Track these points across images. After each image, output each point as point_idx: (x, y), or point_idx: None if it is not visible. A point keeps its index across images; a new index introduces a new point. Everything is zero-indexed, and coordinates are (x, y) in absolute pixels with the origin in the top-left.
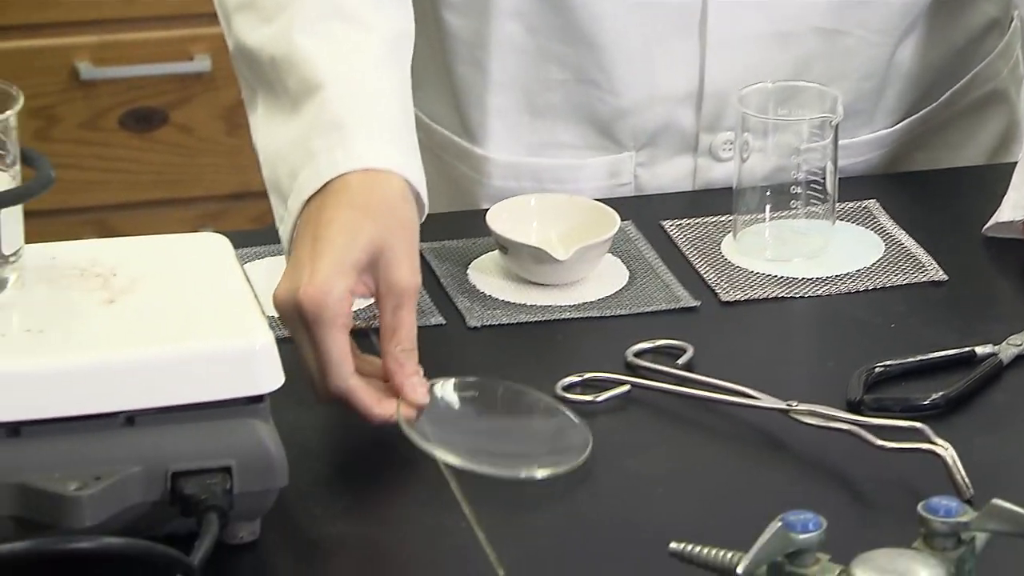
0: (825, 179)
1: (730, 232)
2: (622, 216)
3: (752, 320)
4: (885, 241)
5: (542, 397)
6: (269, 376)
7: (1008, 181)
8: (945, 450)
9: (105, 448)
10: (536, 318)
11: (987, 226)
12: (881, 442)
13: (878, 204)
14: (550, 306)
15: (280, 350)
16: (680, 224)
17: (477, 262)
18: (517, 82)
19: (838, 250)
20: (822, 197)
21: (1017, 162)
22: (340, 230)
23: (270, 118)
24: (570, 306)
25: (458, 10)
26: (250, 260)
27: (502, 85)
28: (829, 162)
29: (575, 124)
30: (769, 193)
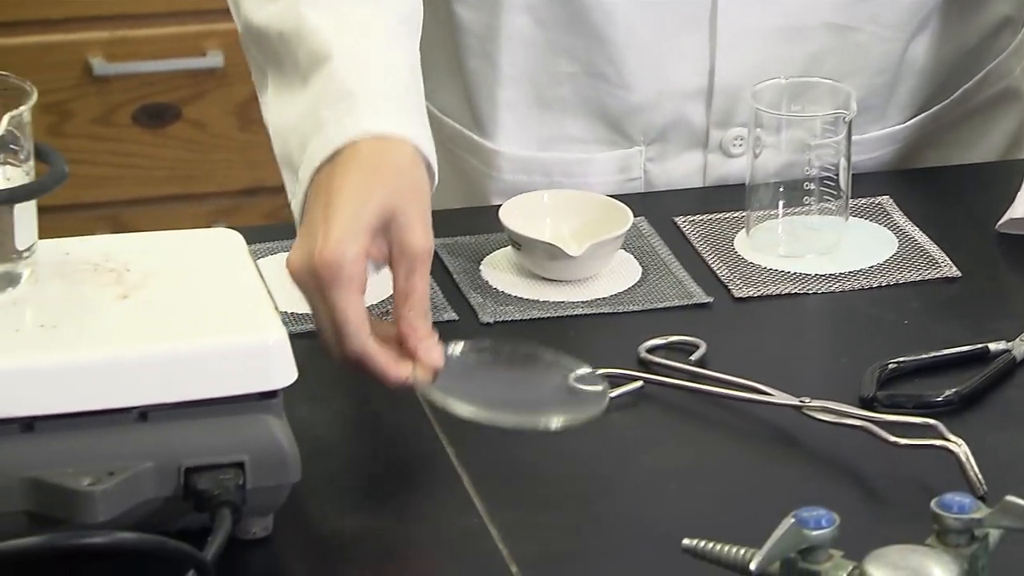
0: (838, 175)
1: (743, 228)
2: (635, 212)
3: (765, 316)
4: (898, 237)
5: (556, 355)
6: (282, 372)
7: (1022, 177)
8: (958, 446)
9: (118, 443)
10: (549, 314)
11: (1000, 222)
12: (894, 439)
13: (891, 200)
14: (563, 302)
15: (293, 346)
16: (693, 220)
17: (490, 258)
18: (527, 75)
19: (851, 246)
20: (835, 193)
21: None
22: (352, 194)
23: (280, 94)
24: (583, 302)
25: (469, 4)
26: (263, 256)
27: (512, 78)
28: (842, 158)
29: (585, 118)
30: (782, 189)
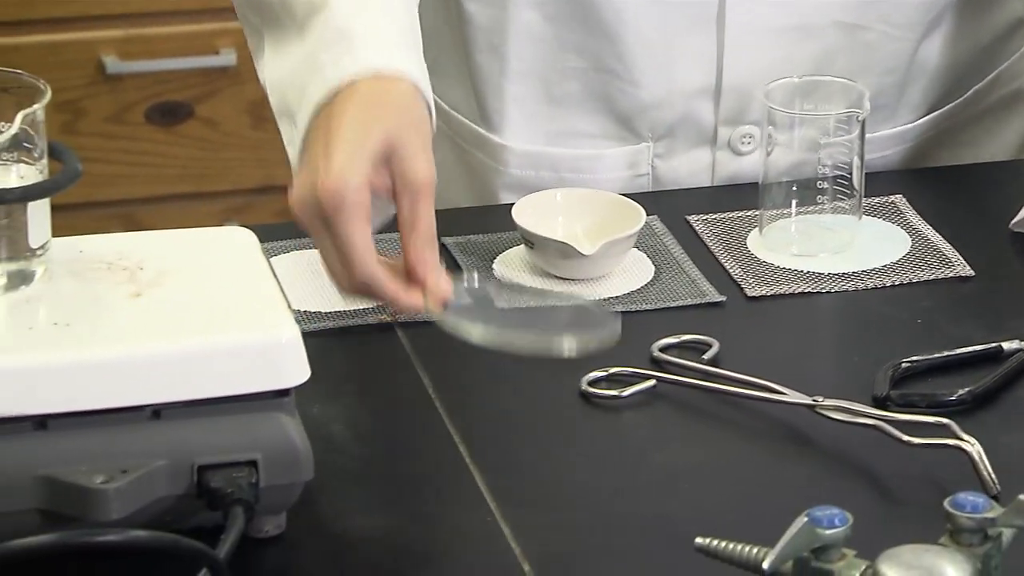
0: (852, 174)
1: (756, 227)
2: (648, 211)
3: (778, 315)
4: (912, 236)
5: (567, 287)
6: (295, 370)
7: None
8: (972, 446)
9: (131, 441)
10: None
11: (1014, 221)
12: (907, 438)
13: (904, 199)
14: None
15: (306, 344)
16: (706, 219)
17: (503, 256)
18: (535, 71)
19: (864, 245)
20: (849, 192)
21: None
22: (352, 127)
23: (277, 50)
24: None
25: None
26: (276, 254)
27: (520, 73)
28: (856, 157)
29: (593, 113)
30: (795, 188)
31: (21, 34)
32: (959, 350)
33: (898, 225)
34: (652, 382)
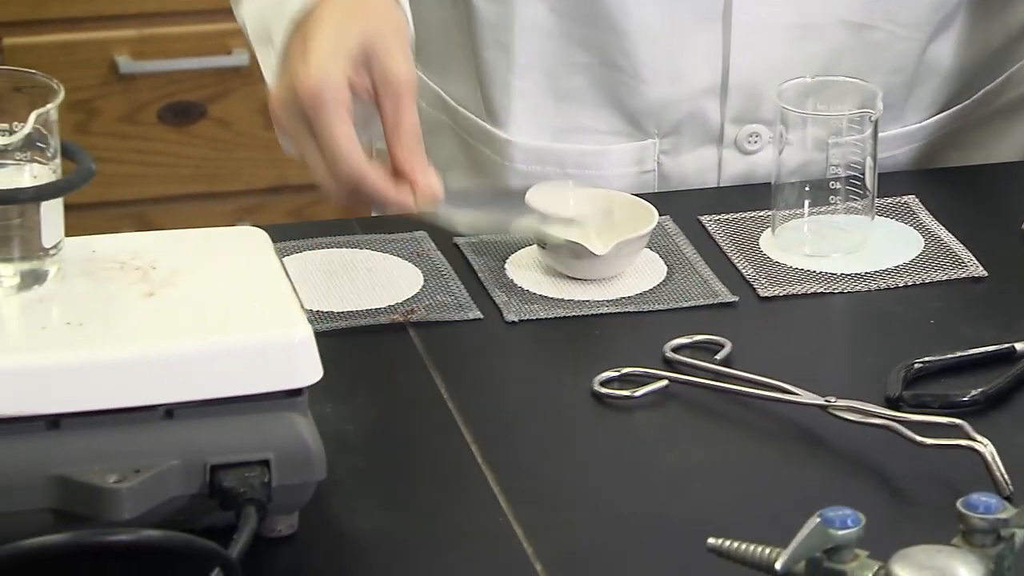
0: (864, 174)
1: (768, 227)
2: (660, 211)
3: (790, 315)
4: (924, 237)
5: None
6: (308, 370)
7: None
8: (984, 446)
9: (144, 441)
10: (574, 313)
11: None
12: (920, 438)
13: (917, 200)
14: (588, 301)
15: (318, 344)
16: (718, 219)
17: (515, 256)
18: (542, 65)
19: (877, 246)
20: (861, 192)
21: None
22: (329, 30)
23: None
24: (608, 301)
25: None
26: (288, 254)
27: (527, 68)
28: (868, 157)
29: (599, 109)
30: (808, 188)
31: (35, 34)
32: (972, 351)
33: (911, 225)
34: (664, 382)
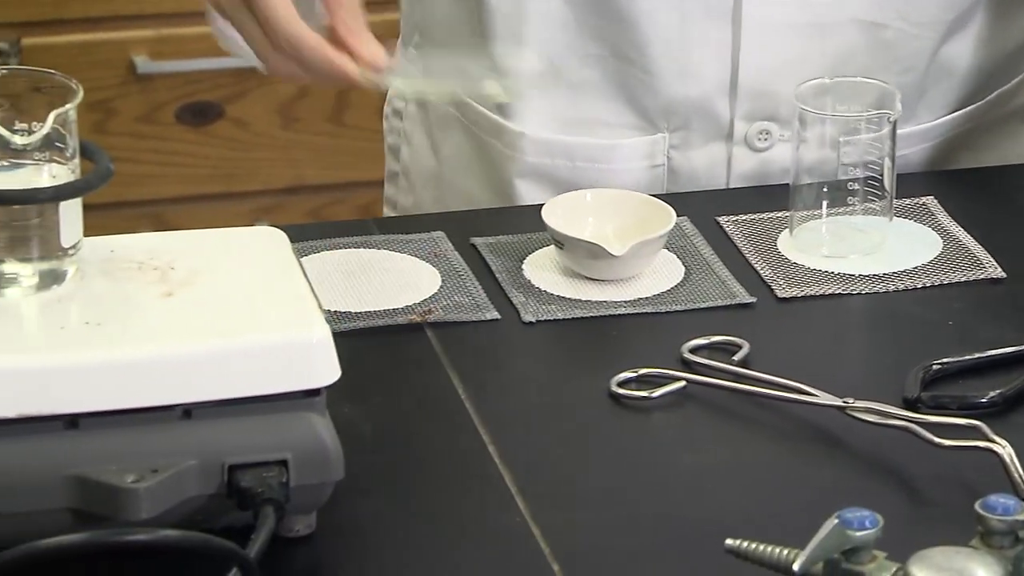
0: (883, 175)
1: (786, 228)
2: (678, 212)
3: (808, 316)
4: (943, 238)
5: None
6: (326, 370)
7: None
8: (1003, 448)
9: (162, 441)
10: (591, 313)
11: None
12: (938, 440)
13: (935, 201)
14: (605, 301)
15: (336, 344)
16: (736, 220)
17: (532, 257)
18: (555, 56)
19: (895, 247)
20: (880, 194)
21: None
22: None
23: None
24: (625, 302)
25: None
26: (306, 254)
27: (540, 58)
28: (887, 158)
29: (610, 101)
30: (826, 189)
31: (53, 34)
32: (990, 352)
33: (929, 227)
34: (682, 383)
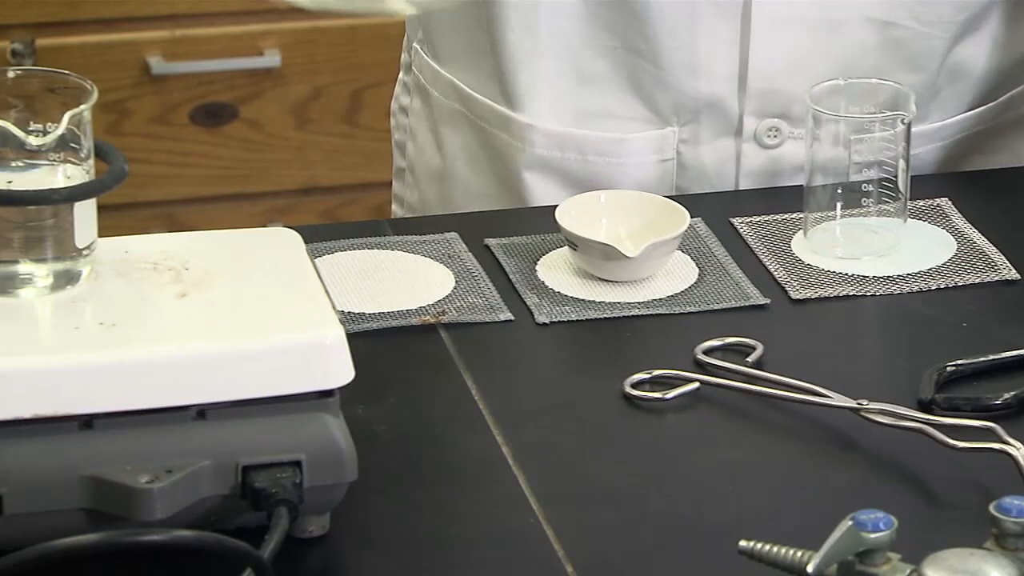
0: (897, 177)
1: (800, 229)
2: (692, 213)
3: (822, 318)
4: (957, 240)
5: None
6: (340, 371)
7: None
8: (1017, 450)
9: (176, 441)
10: (605, 315)
11: None
12: (952, 441)
13: (950, 202)
14: (619, 303)
15: (350, 345)
16: (750, 221)
17: (546, 258)
18: (568, 48)
19: (909, 248)
20: (894, 195)
21: None
22: None
23: None
24: (639, 303)
25: None
26: (320, 255)
27: (552, 50)
28: (901, 160)
29: (621, 94)
30: (840, 191)
31: (67, 35)
32: (1004, 354)
33: (943, 228)
34: (696, 385)
